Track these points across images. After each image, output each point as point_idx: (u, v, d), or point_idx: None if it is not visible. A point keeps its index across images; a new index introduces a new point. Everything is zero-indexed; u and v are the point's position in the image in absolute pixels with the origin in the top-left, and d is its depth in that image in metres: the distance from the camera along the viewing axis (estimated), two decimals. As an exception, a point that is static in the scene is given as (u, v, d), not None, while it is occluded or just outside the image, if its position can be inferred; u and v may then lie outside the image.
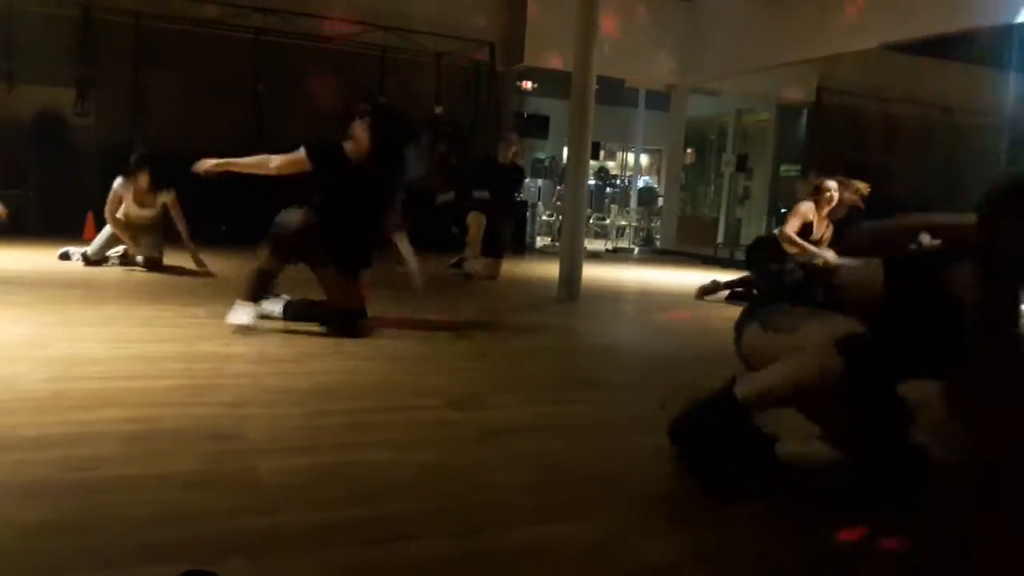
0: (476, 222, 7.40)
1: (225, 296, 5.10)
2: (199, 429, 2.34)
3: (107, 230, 6.39)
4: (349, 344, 3.80)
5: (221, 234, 9.76)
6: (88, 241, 6.64)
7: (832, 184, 6.25)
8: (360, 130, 4.18)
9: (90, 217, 8.04)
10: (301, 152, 4.11)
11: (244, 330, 3.82)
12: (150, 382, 2.86)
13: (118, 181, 6.32)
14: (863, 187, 6.18)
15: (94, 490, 1.84)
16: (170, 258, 6.44)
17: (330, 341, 3.85)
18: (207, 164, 4.23)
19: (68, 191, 9.22)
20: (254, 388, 2.85)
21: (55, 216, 9.07)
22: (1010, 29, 9.18)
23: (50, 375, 2.84)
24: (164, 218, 6.37)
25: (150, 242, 6.32)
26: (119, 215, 6.30)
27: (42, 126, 9.67)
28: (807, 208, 6.27)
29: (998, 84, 13.54)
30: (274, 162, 4.14)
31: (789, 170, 15.28)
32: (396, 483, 2.03)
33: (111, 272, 6.10)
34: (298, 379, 3.04)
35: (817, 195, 6.27)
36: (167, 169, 8.72)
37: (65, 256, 6.50)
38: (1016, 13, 8.27)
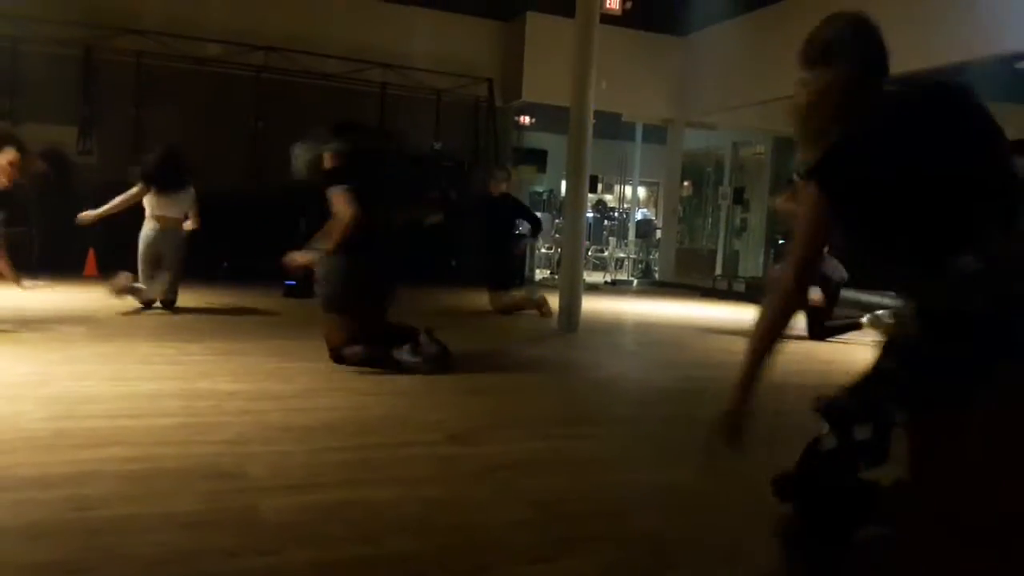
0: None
1: (224, 333, 5.12)
2: (201, 468, 2.34)
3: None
4: (350, 379, 3.81)
5: (222, 271, 9.82)
6: (89, 278, 6.64)
7: None
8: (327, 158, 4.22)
9: (91, 254, 8.08)
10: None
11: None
12: (152, 420, 2.87)
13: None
14: None
15: (97, 530, 1.84)
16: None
17: (331, 377, 3.86)
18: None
19: (70, 229, 9.27)
20: (255, 425, 2.85)
21: (57, 254, 9.10)
22: (997, 63, 9.31)
23: (52, 414, 2.85)
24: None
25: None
26: None
27: (45, 164, 9.74)
28: None
29: (993, 115, 13.65)
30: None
31: (786, 202, 15.35)
32: (399, 521, 2.03)
33: (111, 310, 6.11)
34: (300, 416, 3.04)
35: None
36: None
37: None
38: (1000, 47, 8.40)
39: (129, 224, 6.40)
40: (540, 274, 13.63)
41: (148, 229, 6.11)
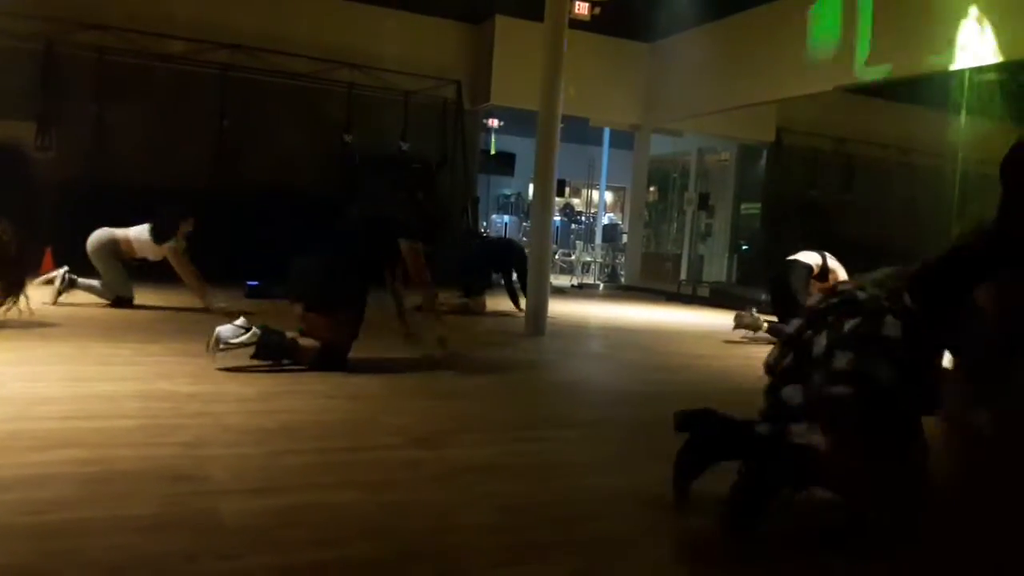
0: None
1: (182, 334, 5.05)
2: (158, 470, 2.30)
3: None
4: (311, 382, 3.77)
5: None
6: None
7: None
8: None
9: (48, 254, 7.91)
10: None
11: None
12: (108, 422, 2.81)
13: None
14: None
15: (51, 535, 1.80)
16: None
17: (291, 379, 3.82)
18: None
19: (28, 225, 9.06)
20: (215, 428, 2.82)
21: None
22: (960, 74, 9.53)
23: (5, 415, 2.78)
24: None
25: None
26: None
27: (2, 160, 9.53)
28: None
29: (951, 127, 13.98)
30: None
31: (749, 208, 15.57)
32: (361, 525, 2.01)
33: (67, 310, 5.99)
34: (260, 418, 3.01)
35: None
36: (130, 202, 8.69)
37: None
38: (965, 59, 8.60)
39: (86, 226, 6.29)
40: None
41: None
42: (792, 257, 6.60)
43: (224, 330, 3.82)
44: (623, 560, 1.94)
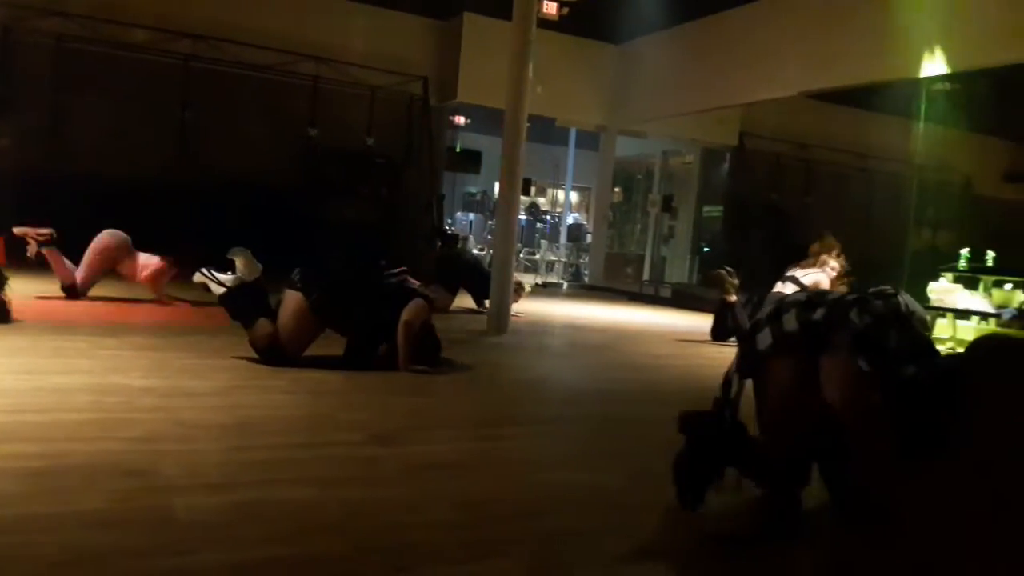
0: None
1: (140, 327, 4.96)
2: (110, 465, 2.25)
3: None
4: (268, 377, 3.73)
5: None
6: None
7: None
8: None
9: (0, 242, 7.72)
10: None
11: None
12: (59, 415, 2.75)
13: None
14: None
15: (-4, 530, 1.76)
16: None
17: (250, 373, 3.77)
18: None
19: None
20: (169, 422, 2.77)
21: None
22: (918, 82, 9.74)
23: (-49, 408, 2.70)
24: None
25: None
26: None
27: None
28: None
29: (908, 134, 14.30)
30: None
31: (712, 211, 15.75)
32: (318, 522, 1.99)
33: (21, 301, 5.85)
34: (216, 413, 2.96)
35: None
36: (88, 192, 8.51)
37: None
38: (923, 68, 8.79)
39: (41, 215, 6.15)
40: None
41: None
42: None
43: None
44: (582, 555, 1.94)
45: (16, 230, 5.94)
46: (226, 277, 4.13)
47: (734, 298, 6.63)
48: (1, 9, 9.31)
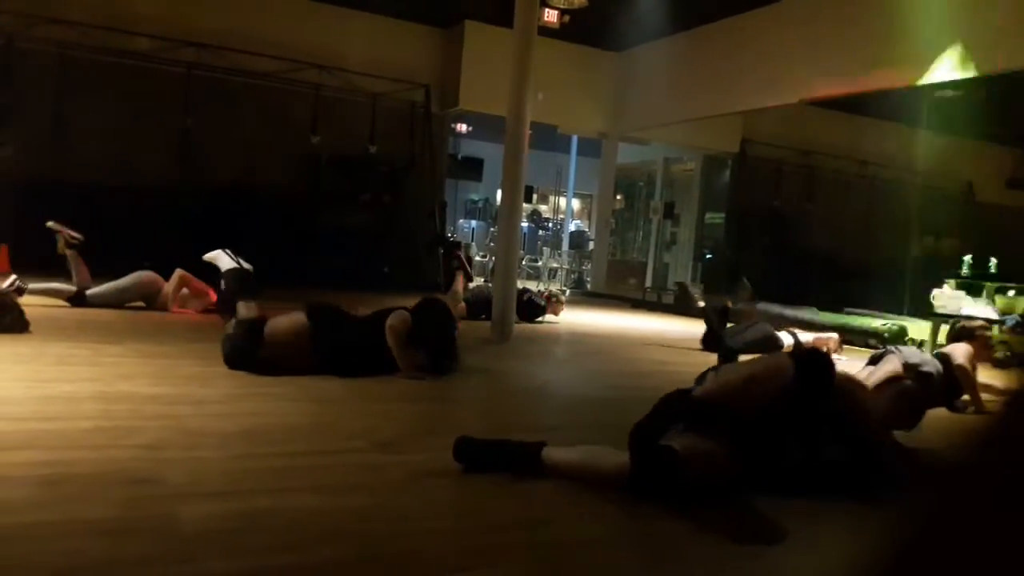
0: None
1: (146, 335, 4.97)
2: (116, 473, 2.26)
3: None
4: (273, 385, 3.74)
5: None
6: (3, 274, 6.37)
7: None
8: None
9: (4, 250, 7.75)
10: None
11: None
12: (65, 424, 2.76)
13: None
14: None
15: (4, 538, 1.76)
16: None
17: (256, 381, 3.78)
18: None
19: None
20: (175, 430, 2.78)
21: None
22: (920, 89, 9.75)
23: (-43, 416, 2.72)
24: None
25: None
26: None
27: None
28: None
29: (910, 140, 14.32)
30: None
31: (714, 217, 15.77)
32: (322, 529, 2.00)
33: (26, 309, 5.87)
34: (222, 421, 2.97)
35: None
36: (90, 200, 8.53)
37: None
38: (925, 76, 8.80)
39: (43, 224, 6.17)
40: (474, 283, 13.62)
41: None
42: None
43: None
44: (585, 563, 1.95)
45: (51, 224, 6.01)
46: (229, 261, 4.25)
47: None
48: (4, 17, 9.34)
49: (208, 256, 4.35)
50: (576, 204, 18.65)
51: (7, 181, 9.24)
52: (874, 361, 4.19)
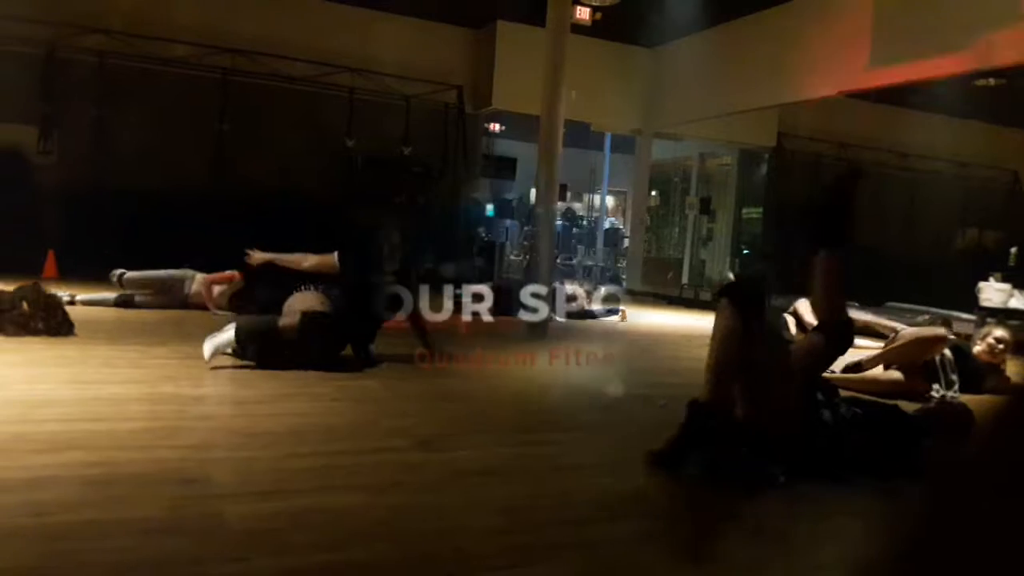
0: None
1: (189, 336, 5.04)
2: (164, 473, 2.30)
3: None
4: (314, 384, 3.77)
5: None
6: (48, 279, 6.51)
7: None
8: None
9: (51, 256, 7.92)
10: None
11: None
12: (113, 424, 2.81)
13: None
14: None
15: (55, 536, 1.80)
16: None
17: (298, 382, 3.82)
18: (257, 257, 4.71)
19: (30, 230, 9.09)
20: (220, 431, 2.81)
21: (15, 255, 8.91)
22: (961, 79, 9.53)
23: (8, 417, 2.77)
24: None
25: None
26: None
27: (3, 164, 9.54)
28: None
29: (952, 131, 14.02)
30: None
31: (751, 212, 15.58)
32: (366, 528, 2.01)
33: (71, 311, 5.99)
34: (265, 421, 3.00)
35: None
36: (130, 205, 8.67)
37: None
38: (966, 65, 8.59)
39: (87, 230, 6.29)
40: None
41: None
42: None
43: (209, 344, 3.95)
44: (623, 562, 1.93)
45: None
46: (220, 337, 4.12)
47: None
48: (45, 28, 9.55)
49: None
50: (610, 201, 18.55)
51: (51, 188, 9.45)
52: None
